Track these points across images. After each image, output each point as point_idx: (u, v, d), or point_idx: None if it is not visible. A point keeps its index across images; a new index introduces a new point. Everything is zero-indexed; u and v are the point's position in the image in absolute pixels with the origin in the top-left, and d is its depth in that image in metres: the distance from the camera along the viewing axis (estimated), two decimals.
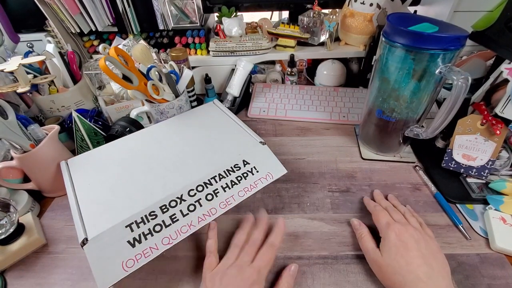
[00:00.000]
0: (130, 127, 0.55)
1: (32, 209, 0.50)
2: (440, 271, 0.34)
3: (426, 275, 0.33)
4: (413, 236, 0.37)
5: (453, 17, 0.65)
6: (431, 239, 0.39)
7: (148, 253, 0.36)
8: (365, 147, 0.60)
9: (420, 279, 0.33)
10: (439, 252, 0.37)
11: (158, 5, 0.69)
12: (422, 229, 0.40)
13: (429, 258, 0.35)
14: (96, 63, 0.66)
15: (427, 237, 0.38)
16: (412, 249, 0.36)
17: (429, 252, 0.36)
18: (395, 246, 0.36)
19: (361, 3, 0.66)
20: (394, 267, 0.35)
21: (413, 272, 0.34)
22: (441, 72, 0.42)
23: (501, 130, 0.46)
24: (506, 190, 0.47)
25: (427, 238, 0.38)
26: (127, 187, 0.43)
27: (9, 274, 0.42)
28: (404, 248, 0.36)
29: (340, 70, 0.75)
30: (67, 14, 0.67)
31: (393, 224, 0.39)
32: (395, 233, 0.37)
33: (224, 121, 0.56)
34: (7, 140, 0.45)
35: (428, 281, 0.33)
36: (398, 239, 0.37)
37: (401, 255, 0.35)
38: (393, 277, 0.35)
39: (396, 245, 0.36)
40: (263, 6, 0.75)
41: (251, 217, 0.44)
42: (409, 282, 0.33)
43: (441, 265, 0.35)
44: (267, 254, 0.38)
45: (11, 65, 0.52)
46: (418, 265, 0.34)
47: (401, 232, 0.37)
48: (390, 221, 0.40)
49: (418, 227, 0.40)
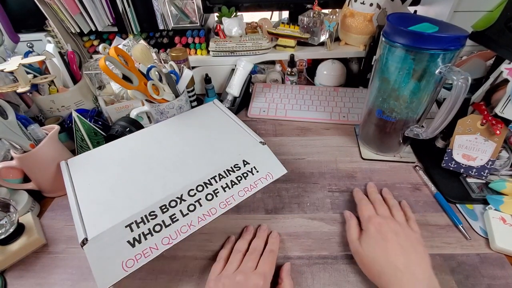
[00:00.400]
0: (130, 127, 0.55)
1: (32, 209, 0.50)
2: (418, 262, 0.35)
3: (404, 264, 0.35)
4: (392, 229, 0.38)
5: (453, 17, 0.65)
6: (414, 233, 0.39)
7: (148, 253, 0.36)
8: (365, 147, 0.60)
9: (398, 268, 0.34)
10: (420, 244, 0.38)
11: (158, 5, 0.69)
12: (406, 224, 0.40)
13: (407, 249, 0.36)
14: (96, 63, 0.66)
15: (408, 231, 0.39)
16: (391, 240, 0.37)
17: (408, 244, 0.37)
18: (374, 238, 0.38)
19: (361, 3, 0.66)
20: (373, 257, 0.37)
21: (391, 262, 0.35)
22: (441, 72, 0.42)
23: (501, 130, 0.46)
24: (506, 190, 0.47)
25: (408, 231, 0.39)
26: (127, 187, 0.43)
27: (9, 274, 0.42)
28: (383, 239, 0.37)
29: (340, 70, 0.75)
30: (67, 14, 0.67)
31: (374, 217, 0.40)
32: (374, 226, 0.39)
33: (224, 121, 0.56)
34: (7, 140, 0.45)
35: (405, 270, 0.34)
36: (377, 231, 0.38)
37: (379, 246, 0.37)
38: (373, 267, 0.36)
39: (375, 237, 0.38)
40: (263, 6, 0.75)
41: (250, 227, 0.46)
42: (387, 271, 0.35)
43: (420, 256, 0.36)
44: (269, 260, 0.39)
45: (11, 65, 0.52)
46: (396, 255, 0.35)
47: (381, 225, 0.39)
48: (372, 214, 0.41)
49: (402, 221, 0.41)
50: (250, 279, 0.35)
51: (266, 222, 0.47)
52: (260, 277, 0.36)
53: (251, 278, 0.35)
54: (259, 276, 0.36)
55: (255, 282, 0.35)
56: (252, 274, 0.36)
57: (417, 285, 0.33)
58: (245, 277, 0.35)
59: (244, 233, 0.45)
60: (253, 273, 0.36)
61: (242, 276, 0.35)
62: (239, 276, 0.36)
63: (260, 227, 0.46)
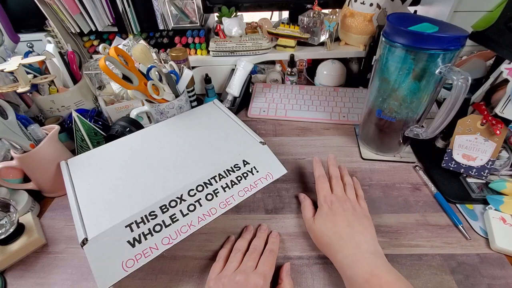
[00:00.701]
0: (130, 127, 0.55)
1: (32, 209, 0.50)
2: (361, 231, 0.39)
3: (347, 234, 0.39)
4: (343, 206, 0.42)
5: (453, 17, 0.65)
6: (362, 209, 0.43)
7: (148, 253, 0.36)
8: (365, 147, 0.60)
9: (342, 237, 0.39)
10: (365, 218, 0.42)
11: (158, 5, 0.69)
12: (356, 201, 0.44)
13: (352, 222, 0.40)
14: (96, 63, 0.66)
15: (357, 206, 0.43)
16: (339, 214, 0.41)
17: (354, 218, 0.41)
18: (325, 213, 0.42)
19: (361, 3, 0.66)
20: (323, 230, 0.41)
21: (336, 232, 0.39)
22: (441, 72, 0.42)
23: (501, 130, 0.46)
24: (506, 190, 0.47)
25: (356, 207, 0.43)
26: (127, 187, 0.43)
27: (9, 274, 0.42)
28: (333, 214, 0.41)
29: (340, 70, 0.75)
30: (67, 14, 0.67)
31: (329, 196, 0.44)
32: (327, 205, 0.43)
33: (224, 121, 0.56)
34: (7, 140, 0.45)
35: (348, 238, 0.38)
36: (329, 208, 0.42)
37: (329, 219, 0.41)
38: (322, 239, 0.40)
39: (326, 213, 0.42)
40: (263, 6, 0.75)
41: (250, 226, 0.46)
42: (333, 241, 0.39)
43: (364, 227, 0.40)
44: (269, 260, 0.39)
45: (11, 65, 0.52)
46: (342, 227, 0.40)
47: (333, 203, 0.43)
48: (327, 194, 0.45)
49: (353, 198, 0.44)
50: (250, 279, 0.35)
51: (266, 222, 0.47)
52: (260, 276, 0.35)
53: (251, 277, 0.35)
54: (259, 276, 0.36)
55: (255, 281, 0.35)
56: (252, 274, 0.36)
57: (357, 251, 0.37)
58: (245, 276, 0.35)
59: (244, 233, 0.45)
60: (253, 273, 0.36)
61: (242, 276, 0.35)
62: (239, 276, 0.35)
63: (260, 227, 0.46)
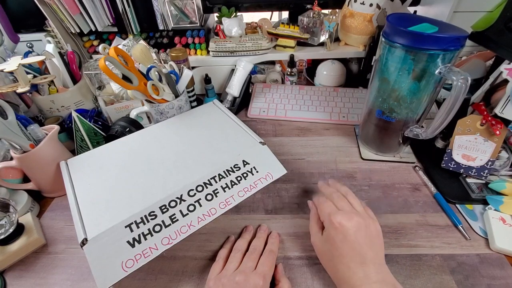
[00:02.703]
0: (130, 127, 0.55)
1: (31, 209, 0.50)
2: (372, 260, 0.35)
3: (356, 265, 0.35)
4: (354, 225, 0.36)
5: (453, 17, 0.65)
6: (374, 222, 0.38)
7: (147, 253, 0.36)
8: (365, 147, 0.60)
9: (350, 268, 0.35)
10: (377, 236, 0.37)
11: (158, 5, 0.69)
12: (365, 213, 0.39)
13: (363, 247, 0.36)
14: (96, 63, 0.66)
15: (369, 221, 0.38)
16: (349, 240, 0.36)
17: (367, 241, 0.36)
18: (333, 238, 0.37)
19: (361, 4, 0.66)
20: (328, 255, 0.38)
21: (345, 264, 0.35)
22: (440, 72, 0.42)
23: (501, 130, 0.46)
24: (506, 190, 0.47)
25: (369, 222, 0.38)
26: (127, 187, 0.43)
27: (9, 274, 0.42)
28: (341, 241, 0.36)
29: (340, 71, 0.75)
30: (67, 14, 0.67)
31: (335, 214, 0.38)
32: (334, 227, 0.37)
33: (224, 121, 0.56)
34: (7, 140, 0.45)
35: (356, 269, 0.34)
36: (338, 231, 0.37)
37: (335, 247, 0.36)
38: (328, 263, 0.38)
39: (333, 237, 0.37)
40: (263, 6, 0.75)
41: (250, 226, 0.46)
42: (340, 270, 0.36)
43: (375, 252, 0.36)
44: (269, 260, 0.39)
45: (11, 65, 0.52)
46: (351, 257, 0.35)
47: (341, 223, 0.37)
48: (332, 211, 0.39)
49: (361, 210, 0.39)
50: (250, 279, 0.35)
51: (266, 222, 0.47)
52: (260, 277, 0.35)
53: (251, 278, 0.35)
54: (259, 276, 0.36)
55: (255, 282, 0.35)
56: (252, 274, 0.36)
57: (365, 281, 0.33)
58: (245, 277, 0.35)
59: (243, 233, 0.45)
60: (253, 273, 0.36)
61: (242, 276, 0.35)
62: (239, 276, 0.35)
63: (260, 227, 0.46)
